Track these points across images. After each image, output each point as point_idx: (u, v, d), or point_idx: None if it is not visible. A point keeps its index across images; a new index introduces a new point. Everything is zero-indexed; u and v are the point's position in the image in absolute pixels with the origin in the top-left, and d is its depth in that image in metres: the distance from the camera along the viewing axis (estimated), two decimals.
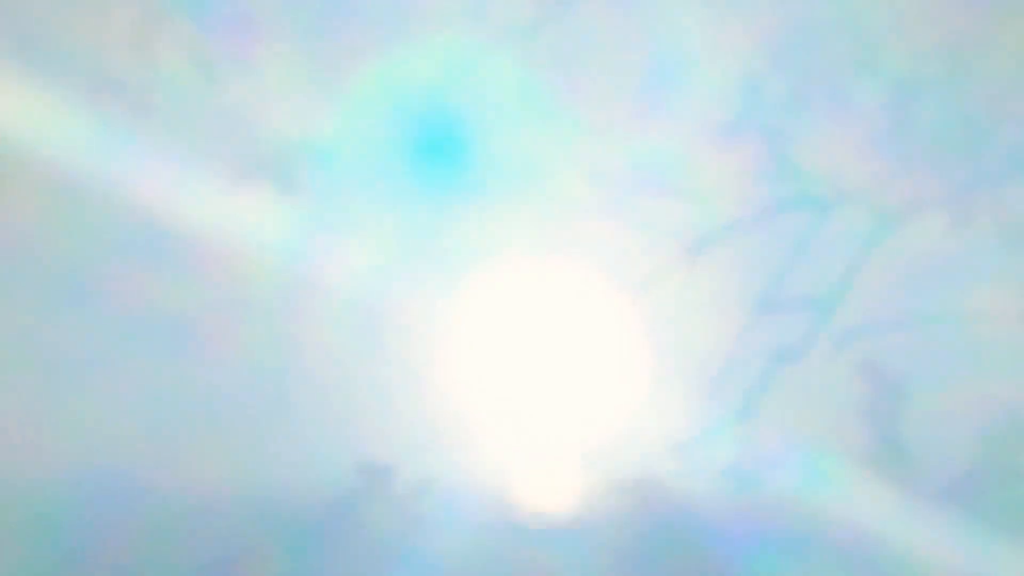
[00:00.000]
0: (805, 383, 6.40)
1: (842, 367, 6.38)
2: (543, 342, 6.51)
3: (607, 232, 6.48)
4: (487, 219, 6.54)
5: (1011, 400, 6.30)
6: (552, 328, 6.51)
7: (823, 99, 6.42)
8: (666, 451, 6.40)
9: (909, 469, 6.30)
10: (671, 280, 6.45)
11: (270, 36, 6.47)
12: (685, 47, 6.45)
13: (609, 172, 6.46)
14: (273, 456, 6.46)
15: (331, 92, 6.48)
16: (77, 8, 6.49)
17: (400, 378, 6.51)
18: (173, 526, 6.37)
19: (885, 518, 6.29)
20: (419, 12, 6.49)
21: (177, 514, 6.39)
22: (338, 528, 6.43)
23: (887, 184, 6.40)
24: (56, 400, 6.41)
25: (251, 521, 6.42)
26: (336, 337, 6.50)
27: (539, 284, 6.52)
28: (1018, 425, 6.26)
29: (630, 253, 6.47)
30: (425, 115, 6.52)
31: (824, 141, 6.44)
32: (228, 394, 6.46)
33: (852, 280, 6.40)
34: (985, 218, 6.35)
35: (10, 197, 6.47)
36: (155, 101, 6.46)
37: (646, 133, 6.49)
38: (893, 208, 6.39)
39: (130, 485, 6.40)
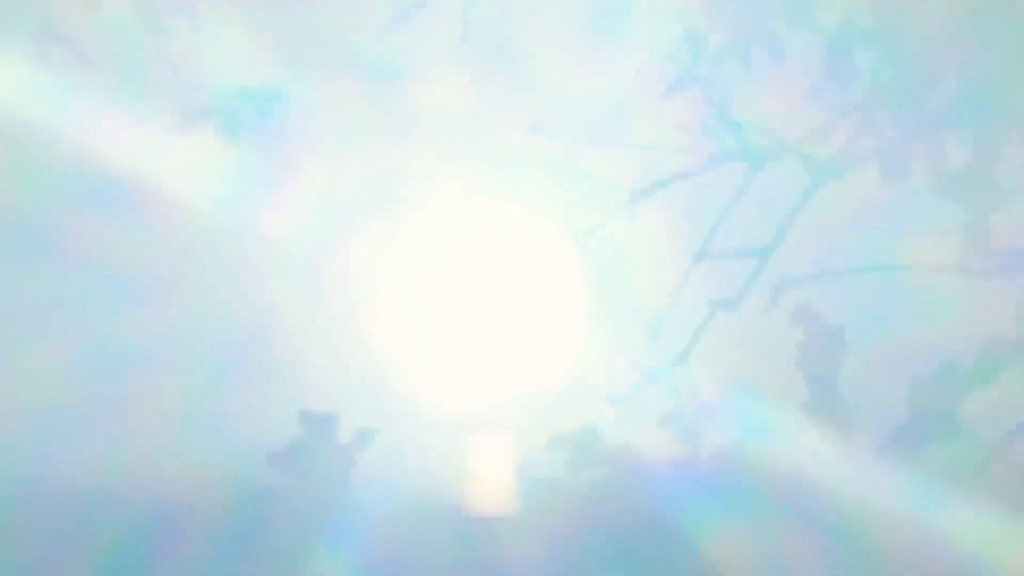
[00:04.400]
0: (742, 331, 6.47)
1: (778, 315, 6.44)
2: (484, 291, 6.57)
3: (546, 182, 6.55)
4: (429, 169, 6.60)
5: (944, 348, 6.37)
6: (492, 277, 6.57)
7: (760, 52, 6.50)
8: (605, 399, 6.45)
9: (844, 415, 6.37)
10: (609, 230, 6.52)
11: None
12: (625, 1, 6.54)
13: (548, 122, 6.54)
14: (215, 406, 6.50)
15: (275, 41, 6.54)
16: None
17: (342, 326, 6.56)
18: (117, 471, 6.40)
19: (821, 464, 6.35)
20: None
21: (121, 460, 6.42)
22: (280, 478, 6.46)
23: (822, 136, 6.48)
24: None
25: (193, 469, 6.45)
26: (279, 285, 6.55)
27: (480, 233, 6.58)
28: (951, 372, 6.33)
29: (569, 203, 6.54)
30: (368, 65, 6.59)
31: (760, 94, 6.52)
32: (170, 341, 6.51)
33: (788, 230, 6.47)
34: (919, 169, 6.43)
35: None
36: (100, 50, 6.52)
37: (585, 84, 6.56)
38: (829, 159, 6.46)
39: (75, 431, 6.43)
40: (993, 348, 6.29)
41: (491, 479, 6.49)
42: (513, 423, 6.50)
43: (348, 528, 6.41)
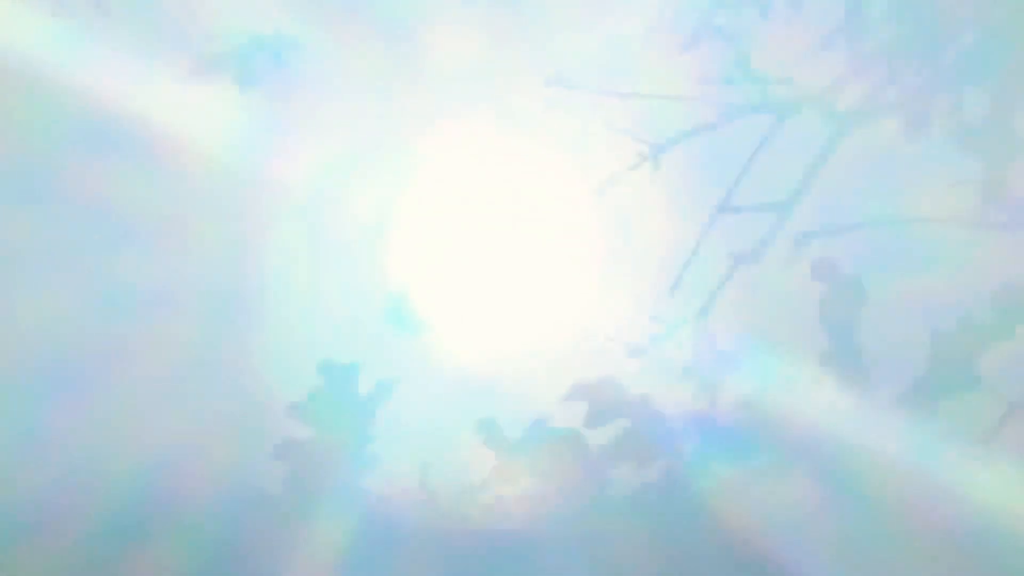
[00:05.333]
0: (763, 284, 6.47)
1: (799, 268, 6.45)
2: (503, 243, 6.53)
3: (568, 133, 6.51)
4: (445, 118, 6.54)
5: (963, 300, 6.40)
6: (513, 229, 6.53)
7: (781, 2, 6.48)
8: (625, 350, 6.44)
9: (863, 367, 6.39)
10: (631, 182, 6.49)
11: None
12: None
13: (567, 73, 6.49)
14: (234, 356, 6.44)
15: None
16: None
17: (357, 275, 6.51)
18: (133, 420, 6.34)
19: (839, 416, 6.38)
20: None
21: (136, 409, 6.36)
22: (299, 429, 6.43)
23: (842, 88, 6.47)
24: (10, 291, 6.36)
25: (209, 421, 6.40)
26: (294, 233, 6.49)
27: (499, 185, 6.54)
28: (970, 325, 6.36)
29: (591, 155, 6.50)
30: (383, 13, 6.51)
31: (782, 45, 6.50)
32: (186, 290, 6.43)
33: (809, 183, 6.47)
34: (938, 122, 6.43)
35: None
36: None
37: (603, 34, 6.52)
38: (850, 112, 6.46)
39: (84, 378, 6.36)
40: (1012, 301, 6.33)
41: (509, 428, 6.48)
42: (533, 374, 6.48)
43: (366, 479, 6.40)
